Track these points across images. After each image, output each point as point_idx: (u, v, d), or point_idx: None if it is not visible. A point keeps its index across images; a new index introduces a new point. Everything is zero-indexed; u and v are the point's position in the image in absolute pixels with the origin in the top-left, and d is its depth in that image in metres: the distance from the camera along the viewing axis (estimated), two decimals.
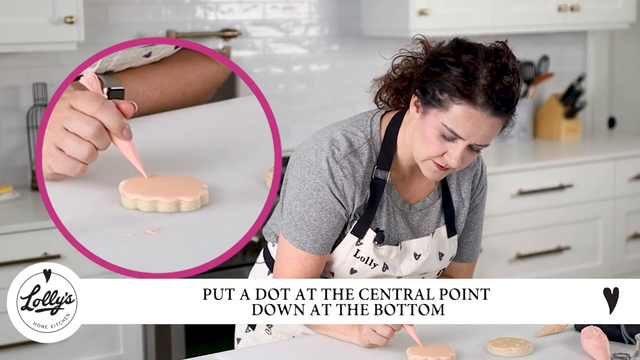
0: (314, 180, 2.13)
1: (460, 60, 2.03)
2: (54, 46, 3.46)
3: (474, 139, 2.05)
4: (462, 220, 2.29)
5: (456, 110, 2.02)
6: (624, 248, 4.53)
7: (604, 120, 5.25)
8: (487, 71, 2.01)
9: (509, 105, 2.03)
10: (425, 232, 2.25)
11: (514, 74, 2.04)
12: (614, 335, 2.09)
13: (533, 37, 4.91)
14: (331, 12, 4.36)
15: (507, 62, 2.04)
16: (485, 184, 2.33)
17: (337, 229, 2.16)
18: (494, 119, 2.03)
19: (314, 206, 2.13)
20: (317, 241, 2.15)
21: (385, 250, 2.19)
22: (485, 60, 2.02)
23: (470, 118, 2.02)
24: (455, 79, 2.02)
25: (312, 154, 2.14)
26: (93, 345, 3.35)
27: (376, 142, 2.17)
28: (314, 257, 2.16)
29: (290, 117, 4.26)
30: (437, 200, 2.26)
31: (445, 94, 2.03)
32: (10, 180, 3.70)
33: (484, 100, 2.01)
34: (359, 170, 2.14)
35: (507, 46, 2.08)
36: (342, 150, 2.13)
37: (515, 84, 2.04)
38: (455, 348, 2.04)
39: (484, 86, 2.00)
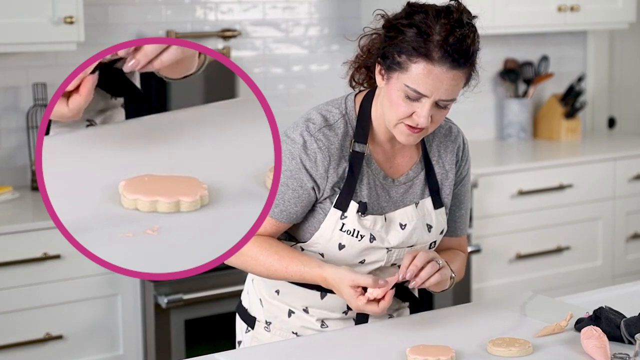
0: (288, 150, 2.22)
1: (413, 20, 2.09)
2: (54, 46, 3.46)
3: (438, 95, 2.09)
4: (448, 193, 2.32)
5: (415, 69, 2.07)
6: (623, 248, 4.53)
7: (604, 120, 5.25)
8: (439, 27, 2.07)
9: (466, 56, 2.08)
10: (408, 203, 2.28)
11: (468, 26, 2.09)
12: (614, 335, 2.09)
13: (533, 37, 4.91)
14: (331, 12, 4.36)
15: (461, 16, 2.09)
16: (469, 156, 2.37)
17: (301, 201, 2.21)
18: (453, 72, 2.07)
19: (284, 173, 2.21)
20: (277, 206, 2.22)
21: (369, 222, 2.22)
22: (436, 17, 2.08)
23: (430, 74, 2.06)
24: (410, 39, 2.08)
25: (290, 130, 2.25)
26: (93, 345, 3.36)
27: (351, 118, 2.23)
28: (270, 220, 2.23)
29: (290, 117, 4.24)
30: (421, 173, 2.30)
31: (403, 55, 2.08)
32: (10, 180, 3.71)
33: (440, 55, 2.06)
34: (334, 142, 2.20)
35: (460, 3, 2.13)
36: (317, 124, 2.21)
37: (470, 36, 2.08)
38: (455, 348, 2.04)
39: (439, 41, 2.06)
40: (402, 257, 2.25)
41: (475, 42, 2.11)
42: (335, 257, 2.24)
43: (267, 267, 2.22)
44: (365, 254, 2.23)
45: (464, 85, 2.14)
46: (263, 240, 2.24)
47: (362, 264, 2.25)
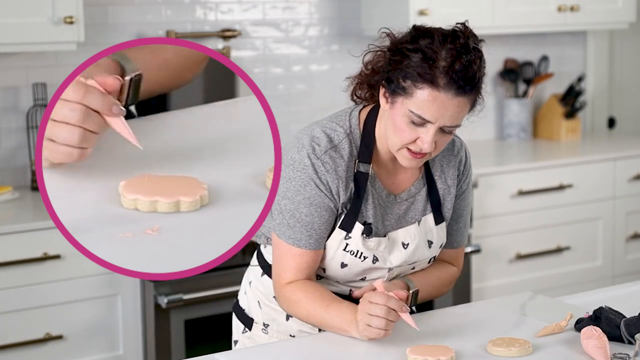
0: (299, 177, 2.16)
1: (419, 45, 2.05)
2: (54, 46, 3.46)
3: (443, 121, 2.06)
4: (450, 207, 2.30)
5: (420, 95, 2.04)
6: (623, 248, 4.53)
7: (604, 120, 5.25)
8: (445, 53, 2.03)
9: (471, 83, 2.05)
10: (411, 221, 2.26)
11: (474, 52, 2.06)
12: (614, 335, 2.09)
13: (533, 37, 4.91)
14: (331, 12, 4.36)
15: (467, 41, 2.06)
16: (470, 170, 2.35)
17: (329, 222, 2.18)
18: (459, 98, 2.05)
19: (302, 202, 2.16)
20: (311, 237, 2.17)
21: (374, 243, 2.20)
22: (442, 43, 2.04)
23: (435, 101, 2.04)
24: (416, 64, 2.04)
25: (294, 152, 2.18)
26: (93, 345, 3.36)
27: (356, 136, 2.20)
28: (310, 253, 2.17)
29: (290, 117, 4.26)
30: (422, 189, 2.28)
31: (408, 80, 2.05)
32: (10, 180, 3.71)
33: (445, 81, 2.03)
34: (341, 164, 2.16)
35: (467, 26, 2.10)
36: (323, 146, 2.16)
37: (476, 62, 2.05)
38: (455, 348, 2.04)
39: (444, 67, 2.02)
40: (403, 273, 2.26)
41: (482, 68, 2.07)
42: (336, 274, 2.23)
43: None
44: (367, 272, 2.23)
45: (469, 111, 2.11)
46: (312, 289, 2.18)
47: (362, 281, 2.25)
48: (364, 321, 2.05)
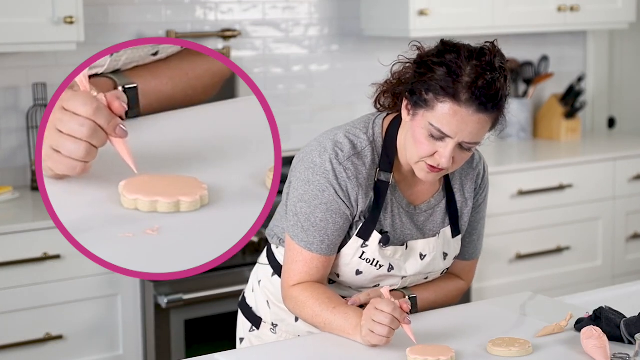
0: (318, 181, 2.14)
1: (444, 59, 2.05)
2: (54, 46, 3.46)
3: (462, 137, 2.06)
4: (466, 220, 2.30)
5: (441, 108, 2.04)
6: (623, 248, 4.53)
7: (604, 120, 5.25)
8: (470, 69, 2.03)
9: (494, 101, 2.04)
10: (431, 233, 2.26)
11: (499, 71, 2.05)
12: (614, 335, 2.09)
13: (533, 37, 4.91)
14: (331, 12, 4.36)
15: (492, 59, 2.06)
16: (488, 183, 2.35)
17: (343, 230, 2.18)
18: (479, 115, 2.04)
19: (319, 207, 2.14)
20: (323, 242, 2.16)
21: (390, 251, 2.20)
22: (468, 59, 2.04)
23: (456, 115, 2.03)
24: (439, 78, 2.04)
25: (316, 155, 2.16)
26: (93, 345, 3.36)
27: (378, 145, 2.19)
28: (321, 258, 2.17)
29: (290, 117, 4.26)
30: (442, 201, 2.27)
31: (430, 93, 2.05)
32: (10, 180, 3.71)
33: (467, 97, 2.02)
34: (362, 172, 2.15)
35: (495, 45, 2.10)
36: (346, 152, 2.15)
37: (499, 80, 2.05)
38: (455, 348, 2.04)
39: (467, 83, 2.02)
40: (415, 282, 2.26)
41: (505, 88, 2.06)
42: (351, 281, 2.24)
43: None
44: (381, 279, 2.23)
45: (490, 129, 2.10)
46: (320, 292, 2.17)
47: (375, 287, 2.25)
48: (368, 327, 2.04)
